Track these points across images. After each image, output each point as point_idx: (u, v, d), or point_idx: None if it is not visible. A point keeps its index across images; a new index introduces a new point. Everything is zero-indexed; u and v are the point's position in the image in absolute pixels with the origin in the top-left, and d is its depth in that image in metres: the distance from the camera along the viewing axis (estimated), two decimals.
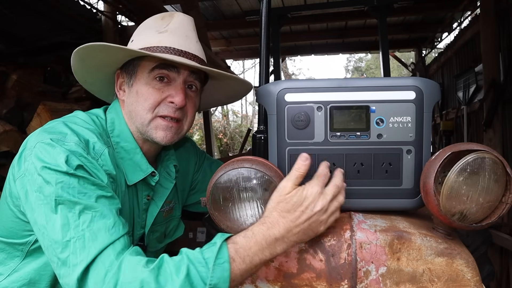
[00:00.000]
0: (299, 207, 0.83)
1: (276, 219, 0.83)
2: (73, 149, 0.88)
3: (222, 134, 12.08)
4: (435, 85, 0.95)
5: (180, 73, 1.07)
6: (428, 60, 6.90)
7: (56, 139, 0.89)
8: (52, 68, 3.09)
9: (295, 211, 0.83)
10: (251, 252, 0.80)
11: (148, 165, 1.09)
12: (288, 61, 18.04)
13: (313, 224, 0.84)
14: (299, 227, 0.83)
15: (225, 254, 0.78)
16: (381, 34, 1.99)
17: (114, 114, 1.12)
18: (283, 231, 0.82)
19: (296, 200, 0.84)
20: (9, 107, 2.61)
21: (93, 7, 3.27)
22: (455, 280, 0.84)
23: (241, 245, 0.81)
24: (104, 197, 0.86)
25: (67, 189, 0.83)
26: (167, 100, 1.06)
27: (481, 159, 0.80)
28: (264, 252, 0.81)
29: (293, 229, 0.83)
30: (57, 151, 0.86)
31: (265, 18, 1.34)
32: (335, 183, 0.87)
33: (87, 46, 0.99)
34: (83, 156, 0.89)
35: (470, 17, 4.90)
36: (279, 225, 0.83)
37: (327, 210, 0.85)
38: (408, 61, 7.95)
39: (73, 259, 0.78)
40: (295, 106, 0.96)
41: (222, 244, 0.80)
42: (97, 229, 0.81)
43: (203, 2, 4.89)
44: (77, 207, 0.82)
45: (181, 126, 1.11)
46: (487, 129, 3.63)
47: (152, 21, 1.14)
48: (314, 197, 0.84)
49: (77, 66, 1.10)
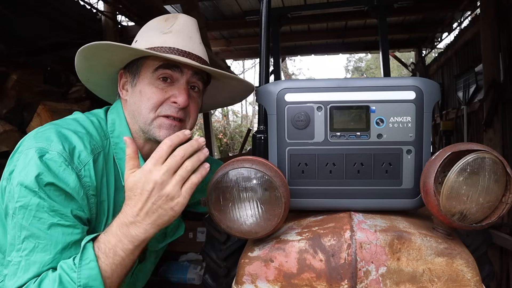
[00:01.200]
0: (136, 191, 0.86)
1: (124, 208, 0.88)
2: (53, 159, 0.90)
3: (222, 134, 12.07)
4: (435, 85, 0.95)
5: (184, 73, 1.08)
6: (428, 60, 6.90)
7: (40, 148, 0.90)
8: (52, 68, 3.09)
9: (135, 196, 0.86)
10: (111, 244, 0.85)
11: None
12: (288, 61, 18.04)
13: (158, 202, 0.85)
14: (143, 210, 0.85)
15: (90, 254, 0.83)
16: (381, 34, 1.99)
17: (116, 115, 1.12)
18: (131, 217, 0.86)
19: (132, 185, 0.87)
20: (9, 107, 2.60)
21: (93, 7, 3.27)
22: (455, 280, 0.84)
23: (102, 241, 0.86)
24: (59, 226, 0.88)
25: (23, 211, 0.86)
26: (170, 100, 1.06)
27: (481, 159, 0.80)
28: (123, 242, 0.85)
29: (139, 213, 0.86)
30: (32, 165, 0.88)
31: (265, 18, 1.34)
32: (173, 154, 0.87)
33: (92, 45, 1.00)
34: (60, 168, 0.90)
35: (470, 17, 4.90)
36: (127, 213, 0.87)
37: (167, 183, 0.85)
38: (408, 61, 7.95)
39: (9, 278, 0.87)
40: (295, 106, 0.96)
41: (86, 245, 0.84)
42: (33, 261, 0.86)
43: (203, 2, 4.89)
44: (23, 232, 0.87)
45: (184, 126, 1.11)
46: (487, 129, 3.63)
47: (155, 22, 1.15)
48: (146, 176, 0.85)
49: (81, 65, 1.11)
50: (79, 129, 1.01)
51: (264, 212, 0.87)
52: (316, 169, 0.96)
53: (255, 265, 0.90)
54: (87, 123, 1.05)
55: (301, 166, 0.97)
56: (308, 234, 0.91)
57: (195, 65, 1.05)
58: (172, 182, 0.85)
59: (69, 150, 0.93)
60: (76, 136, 0.97)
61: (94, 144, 1.00)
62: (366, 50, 7.56)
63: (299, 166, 0.97)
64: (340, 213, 0.98)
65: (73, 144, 0.95)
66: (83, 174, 0.94)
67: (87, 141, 0.98)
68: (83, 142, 0.97)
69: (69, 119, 1.05)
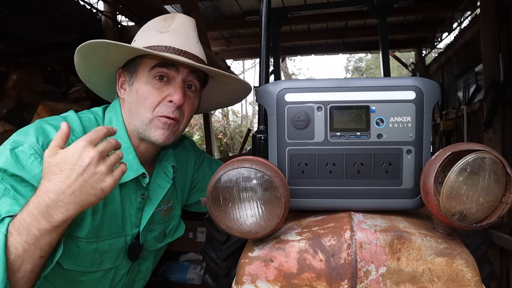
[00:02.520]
0: (65, 166, 0.80)
1: (44, 185, 0.81)
2: (24, 151, 0.91)
3: (222, 134, 12.07)
4: (435, 85, 0.95)
5: (179, 72, 1.09)
6: (428, 60, 6.90)
7: (15, 141, 0.94)
8: (52, 68, 3.09)
9: (61, 172, 0.80)
10: (26, 223, 0.79)
11: (139, 166, 1.10)
12: (288, 61, 18.03)
13: (90, 179, 0.80)
14: (72, 187, 0.80)
15: (3, 228, 0.78)
16: (381, 34, 1.99)
17: (113, 113, 1.13)
18: (53, 195, 0.79)
19: (60, 160, 0.81)
20: (9, 107, 2.61)
21: (93, 7, 3.27)
22: (455, 280, 0.84)
23: (17, 218, 0.80)
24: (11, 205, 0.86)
25: None
26: (167, 99, 1.07)
27: (481, 159, 0.80)
28: (39, 221, 0.79)
29: (65, 190, 0.79)
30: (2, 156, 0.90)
31: (265, 18, 1.34)
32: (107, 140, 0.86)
33: (88, 43, 1.02)
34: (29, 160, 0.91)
35: (470, 17, 4.90)
36: (48, 190, 0.80)
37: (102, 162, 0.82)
38: (408, 61, 7.94)
39: None
40: (295, 106, 0.96)
41: (4, 219, 0.80)
42: None
43: (203, 2, 4.89)
44: None
45: (178, 126, 1.12)
46: (487, 129, 3.63)
47: (154, 22, 1.16)
48: (80, 151, 0.80)
49: (80, 64, 1.13)
50: None
51: (264, 212, 0.87)
52: (316, 169, 0.96)
53: (255, 265, 0.90)
54: (73, 120, 1.06)
55: (301, 166, 0.97)
56: (308, 234, 0.91)
57: (189, 63, 1.06)
58: (107, 162, 0.83)
59: (43, 143, 0.95)
60: (55, 131, 0.97)
61: (74, 139, 0.99)
62: (366, 50, 7.56)
63: (299, 166, 0.97)
64: (340, 213, 0.98)
65: (49, 138, 0.96)
66: None
67: None
68: None
69: (58, 116, 1.07)
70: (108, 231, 1.07)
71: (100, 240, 1.06)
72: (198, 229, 3.31)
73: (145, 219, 1.15)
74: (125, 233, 1.12)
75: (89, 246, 1.04)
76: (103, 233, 1.06)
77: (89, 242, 1.03)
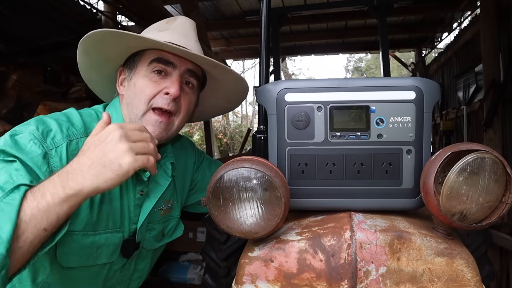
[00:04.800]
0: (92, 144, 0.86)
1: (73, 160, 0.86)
2: (23, 137, 0.93)
3: (222, 134, 12.07)
4: (435, 85, 0.95)
5: (177, 68, 1.11)
6: (428, 60, 6.90)
7: (15, 130, 0.96)
8: (52, 68, 3.09)
9: (89, 148, 0.86)
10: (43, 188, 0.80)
11: None
12: (288, 61, 18.04)
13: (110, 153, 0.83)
14: (91, 158, 0.83)
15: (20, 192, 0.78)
16: (381, 34, 1.99)
17: (113, 109, 1.16)
18: (76, 164, 0.83)
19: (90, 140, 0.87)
20: (9, 107, 2.61)
21: (93, 7, 3.27)
22: (455, 280, 0.84)
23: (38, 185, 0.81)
24: None
25: None
26: (163, 91, 1.09)
27: (481, 159, 0.80)
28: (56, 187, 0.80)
29: (86, 161, 0.83)
30: (1, 140, 0.92)
31: (265, 18, 1.34)
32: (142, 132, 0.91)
33: (89, 35, 1.03)
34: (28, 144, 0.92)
35: (470, 17, 4.90)
36: (74, 161, 0.85)
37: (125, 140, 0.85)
38: (408, 61, 7.95)
39: None
40: (295, 106, 0.96)
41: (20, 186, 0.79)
42: None
43: (203, 2, 4.89)
44: None
45: (172, 122, 1.13)
46: (487, 129, 3.63)
47: (157, 24, 1.21)
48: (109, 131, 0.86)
49: (82, 61, 1.15)
50: (62, 118, 1.04)
51: (264, 212, 0.87)
52: (316, 169, 0.96)
53: (255, 265, 0.90)
54: (73, 115, 1.08)
55: (301, 166, 0.97)
56: (308, 234, 0.91)
57: (185, 50, 1.07)
58: (131, 143, 0.86)
59: (43, 131, 0.96)
60: (55, 122, 1.00)
61: (73, 131, 1.03)
62: (366, 50, 7.56)
63: (299, 166, 0.97)
64: (340, 213, 0.98)
65: (50, 127, 0.99)
66: (52, 154, 0.96)
67: (65, 127, 1.01)
68: (60, 127, 1.00)
69: (59, 112, 1.09)
70: (106, 225, 1.08)
71: (97, 234, 1.06)
72: (198, 229, 3.31)
73: (143, 216, 1.16)
74: (123, 229, 1.13)
75: (85, 239, 1.04)
76: (100, 226, 1.07)
77: (85, 235, 1.04)
